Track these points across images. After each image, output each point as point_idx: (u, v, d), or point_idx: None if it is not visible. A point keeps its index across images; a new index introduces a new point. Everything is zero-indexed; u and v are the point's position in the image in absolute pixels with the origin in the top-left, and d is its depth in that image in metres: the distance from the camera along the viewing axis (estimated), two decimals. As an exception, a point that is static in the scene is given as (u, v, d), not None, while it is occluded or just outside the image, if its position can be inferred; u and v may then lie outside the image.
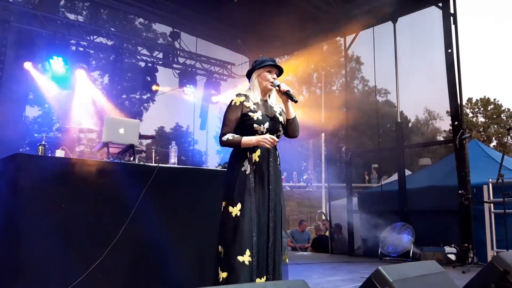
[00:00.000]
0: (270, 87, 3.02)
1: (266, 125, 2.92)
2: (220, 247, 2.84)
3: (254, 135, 2.89)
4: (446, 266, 5.57)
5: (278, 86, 3.00)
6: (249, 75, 3.13)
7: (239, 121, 2.94)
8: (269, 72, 3.03)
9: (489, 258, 5.91)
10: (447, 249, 6.45)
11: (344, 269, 5.89)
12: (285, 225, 3.05)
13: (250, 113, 2.92)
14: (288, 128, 3.07)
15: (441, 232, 6.81)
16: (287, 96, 2.98)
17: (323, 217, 11.84)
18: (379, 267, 2.31)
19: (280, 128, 3.03)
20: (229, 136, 2.89)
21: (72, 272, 3.33)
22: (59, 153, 3.80)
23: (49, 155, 3.86)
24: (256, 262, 2.74)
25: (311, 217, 19.49)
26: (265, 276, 2.76)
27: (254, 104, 2.97)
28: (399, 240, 6.92)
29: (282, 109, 3.11)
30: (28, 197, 3.29)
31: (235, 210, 2.79)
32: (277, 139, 2.89)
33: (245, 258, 2.69)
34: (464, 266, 5.85)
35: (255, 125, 2.90)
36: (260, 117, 2.92)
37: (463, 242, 6.38)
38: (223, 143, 2.91)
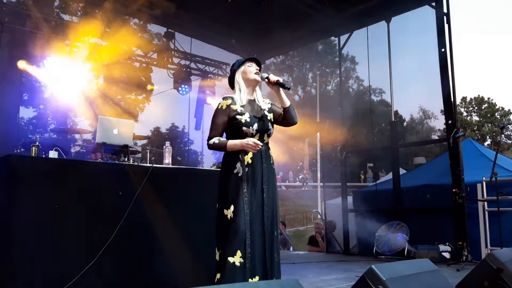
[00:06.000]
0: (257, 78, 3.00)
1: (255, 126, 2.90)
2: (216, 249, 2.84)
3: (244, 136, 2.87)
4: (441, 264, 5.61)
5: (267, 78, 2.97)
6: (231, 82, 3.10)
7: (227, 124, 2.93)
8: (250, 66, 3.03)
9: (483, 256, 5.92)
10: (442, 247, 6.48)
11: (339, 268, 5.91)
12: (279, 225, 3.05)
13: (237, 116, 2.89)
14: (286, 117, 3.05)
15: (435, 231, 6.84)
16: (278, 85, 2.96)
17: (319, 216, 11.86)
18: (372, 266, 2.32)
19: (270, 127, 3.00)
20: (216, 140, 2.89)
21: (66, 273, 3.33)
22: (53, 154, 3.79)
23: (43, 156, 3.85)
24: (250, 263, 2.73)
25: (307, 216, 19.53)
26: (257, 277, 2.75)
27: (241, 106, 2.94)
28: (394, 239, 6.94)
29: (271, 105, 3.10)
30: (21, 198, 3.29)
31: (229, 213, 2.78)
32: (260, 144, 2.83)
33: (236, 259, 2.69)
34: (458, 264, 5.88)
35: (244, 128, 2.88)
36: (248, 119, 2.90)
37: (457, 240, 6.41)
38: (210, 147, 2.91)
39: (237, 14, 8.43)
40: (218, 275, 2.74)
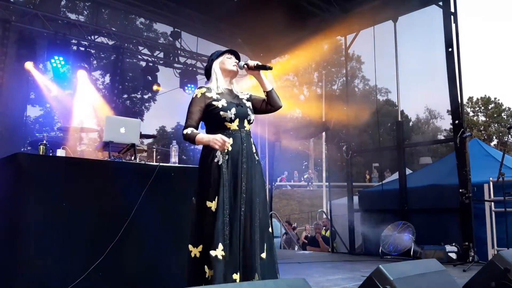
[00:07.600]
0: (235, 69, 2.94)
1: (233, 110, 2.80)
2: (191, 245, 2.72)
3: (223, 123, 2.79)
4: (447, 265, 5.58)
5: (246, 64, 2.91)
6: (208, 72, 3.04)
7: (204, 113, 2.84)
8: (229, 58, 2.98)
9: (490, 257, 5.91)
10: (448, 247, 6.45)
11: (345, 268, 5.90)
12: (268, 221, 2.88)
13: (214, 102, 2.81)
14: (270, 101, 2.97)
15: (441, 231, 6.81)
16: (259, 68, 2.89)
17: (324, 216, 11.85)
18: (380, 266, 2.31)
19: (250, 113, 2.91)
20: (189, 130, 2.79)
21: (73, 271, 3.34)
22: (60, 153, 3.81)
23: (50, 154, 3.87)
24: (229, 257, 2.60)
25: (312, 216, 19.50)
26: (238, 273, 2.60)
27: (217, 94, 2.86)
28: (400, 239, 6.91)
29: (250, 95, 3.03)
30: (29, 197, 3.31)
31: (213, 205, 2.67)
32: (228, 140, 2.71)
33: (218, 252, 2.57)
34: (465, 264, 5.85)
35: (221, 113, 2.78)
36: (225, 104, 2.81)
37: (464, 241, 6.38)
38: (184, 137, 2.82)
39: (243, 14, 8.43)
40: (211, 272, 2.56)
